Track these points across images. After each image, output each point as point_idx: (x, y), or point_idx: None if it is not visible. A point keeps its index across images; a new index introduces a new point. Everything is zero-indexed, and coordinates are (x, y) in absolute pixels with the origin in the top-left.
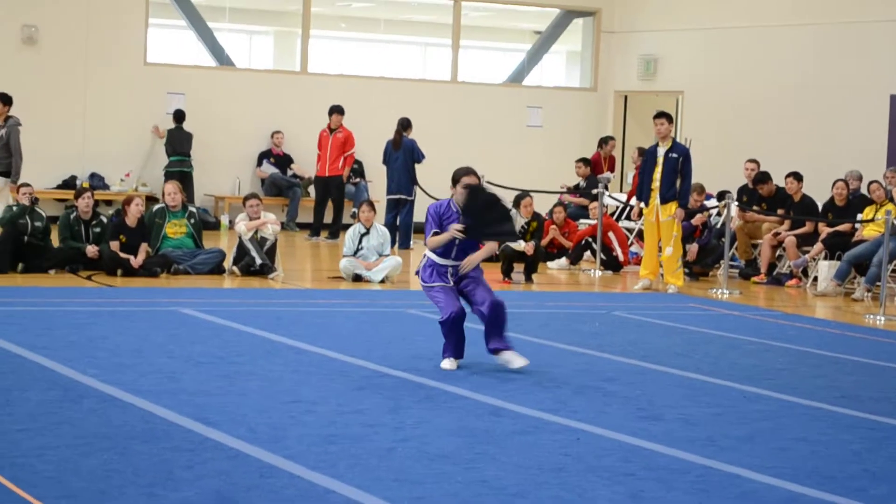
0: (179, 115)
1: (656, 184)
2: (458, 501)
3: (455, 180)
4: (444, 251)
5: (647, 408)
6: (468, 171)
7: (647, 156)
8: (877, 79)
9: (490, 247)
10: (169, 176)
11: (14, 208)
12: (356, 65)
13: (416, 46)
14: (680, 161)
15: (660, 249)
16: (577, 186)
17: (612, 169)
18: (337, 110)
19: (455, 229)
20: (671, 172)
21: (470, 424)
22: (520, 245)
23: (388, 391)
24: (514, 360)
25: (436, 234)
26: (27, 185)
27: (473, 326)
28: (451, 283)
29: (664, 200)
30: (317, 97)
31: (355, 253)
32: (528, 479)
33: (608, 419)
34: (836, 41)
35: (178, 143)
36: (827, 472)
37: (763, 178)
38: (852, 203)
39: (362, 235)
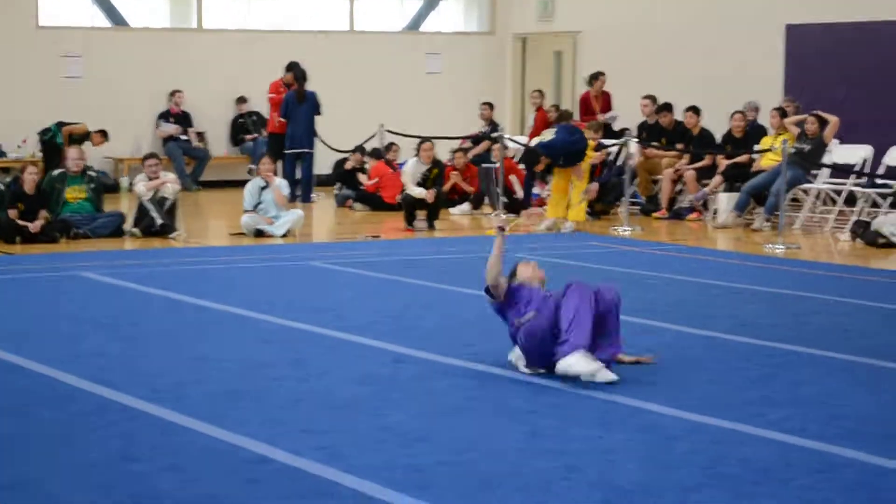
0: None
1: None
2: (362, 448)
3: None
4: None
5: None
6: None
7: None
8: (772, 9)
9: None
10: (48, 144)
11: None
12: (253, 19)
13: None
14: None
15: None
16: (479, 133)
17: (607, 107)
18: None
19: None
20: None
21: (374, 372)
22: (420, 192)
23: (292, 344)
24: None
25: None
26: None
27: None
28: None
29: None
30: (215, 54)
31: (255, 207)
32: (432, 422)
33: None
34: None
35: None
36: (726, 400)
37: (665, 107)
38: (750, 134)
39: (262, 189)
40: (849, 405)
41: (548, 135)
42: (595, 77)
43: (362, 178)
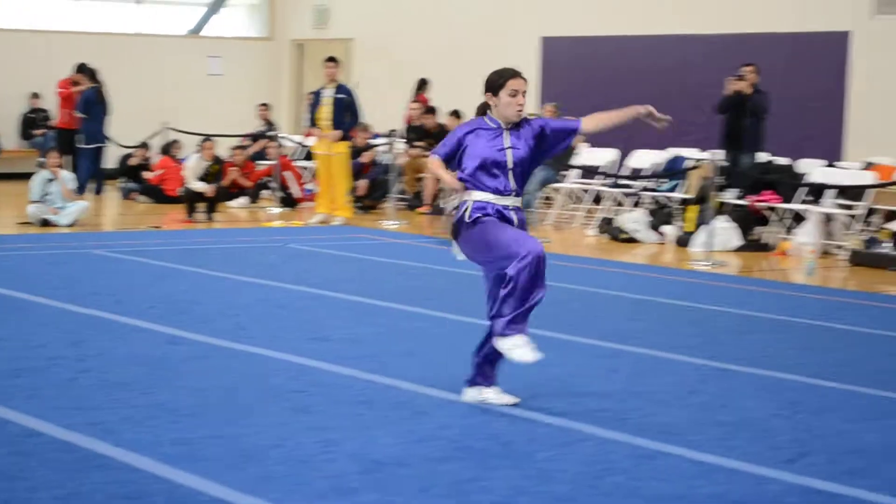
0: None
1: (326, 122)
2: (132, 424)
3: (498, 87)
4: (492, 183)
5: (316, 330)
6: (515, 74)
7: (315, 96)
8: (529, 22)
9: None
10: None
11: None
12: (39, 19)
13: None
14: (346, 101)
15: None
16: (257, 132)
17: None
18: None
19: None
20: (340, 112)
21: (148, 353)
22: (201, 186)
23: (71, 326)
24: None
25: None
26: None
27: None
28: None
29: (336, 138)
30: (5, 52)
31: (42, 198)
32: (201, 400)
33: (280, 342)
34: None
35: None
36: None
37: (429, 110)
38: None
39: (49, 181)
40: (589, 384)
41: None
42: (425, 82)
43: (146, 173)
